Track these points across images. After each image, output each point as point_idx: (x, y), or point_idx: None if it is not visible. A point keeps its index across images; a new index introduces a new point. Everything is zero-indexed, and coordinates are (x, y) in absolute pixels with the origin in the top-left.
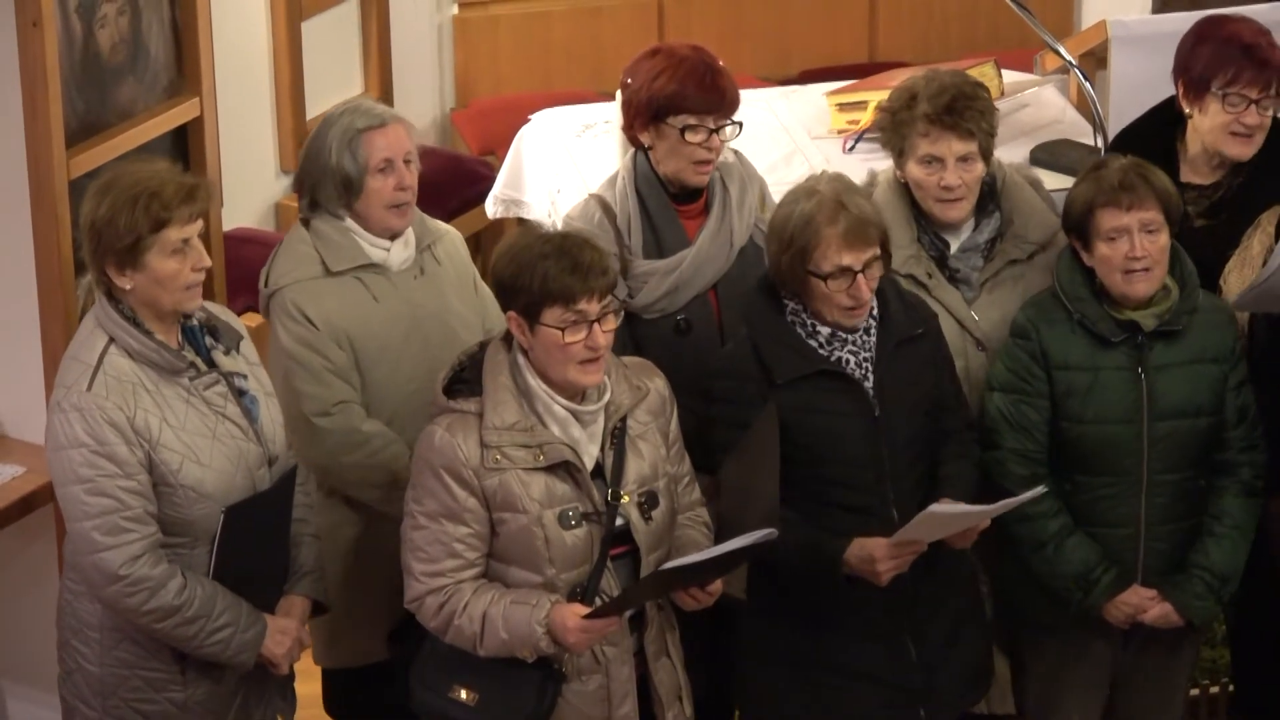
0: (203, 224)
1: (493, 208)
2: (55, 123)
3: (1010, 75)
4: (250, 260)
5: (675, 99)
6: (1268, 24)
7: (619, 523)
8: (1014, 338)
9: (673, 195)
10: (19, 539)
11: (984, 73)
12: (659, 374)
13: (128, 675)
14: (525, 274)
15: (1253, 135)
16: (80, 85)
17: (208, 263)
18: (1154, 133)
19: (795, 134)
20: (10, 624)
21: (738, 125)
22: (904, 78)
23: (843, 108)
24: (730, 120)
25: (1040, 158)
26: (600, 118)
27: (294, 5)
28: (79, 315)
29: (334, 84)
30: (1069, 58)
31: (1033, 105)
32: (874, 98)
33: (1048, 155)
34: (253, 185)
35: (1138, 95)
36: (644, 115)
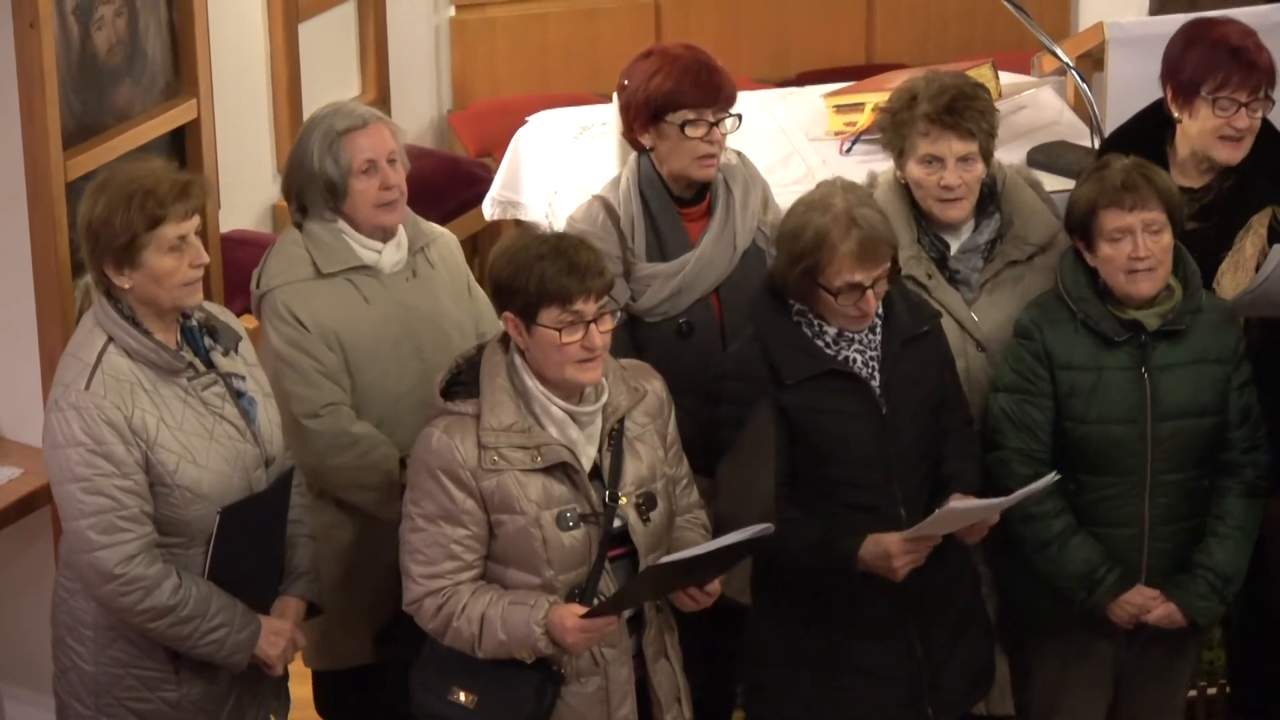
0: (200, 221)
1: (490, 209)
2: (52, 124)
3: (1007, 77)
4: (247, 262)
5: (672, 95)
6: (1267, 25)
7: (617, 524)
8: (1017, 338)
9: (676, 198)
10: (17, 541)
11: (981, 74)
12: (657, 376)
13: (122, 674)
14: (522, 275)
15: (1242, 139)
16: (77, 87)
17: (206, 259)
18: (1143, 136)
19: (792, 135)
20: (8, 625)
21: (737, 117)
22: (902, 79)
23: (840, 109)
24: (729, 112)
25: (1037, 159)
26: (597, 119)
27: (291, 7)
28: (76, 317)
29: (331, 86)
30: (1066, 59)
31: (1030, 107)
32: (871, 99)
33: (1045, 157)
34: (250, 187)
35: (1135, 97)
36: (643, 116)
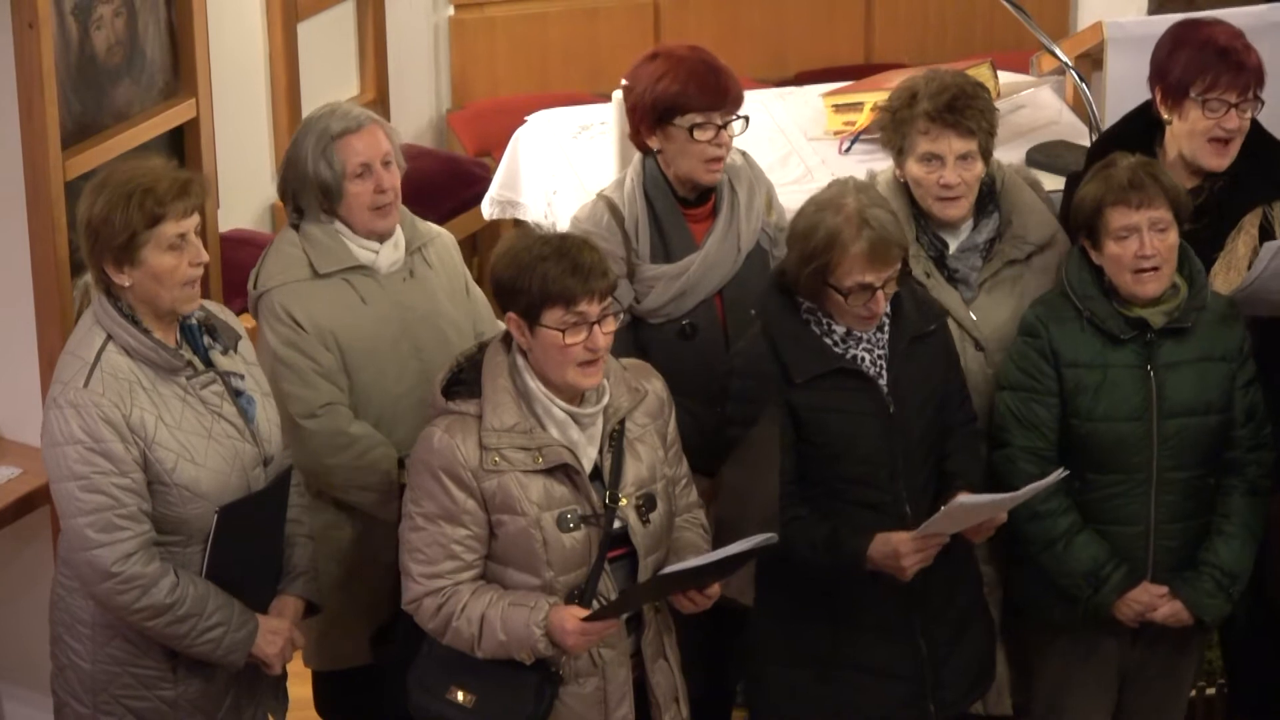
0: (199, 220)
1: (489, 209)
2: (51, 124)
3: (1006, 76)
4: (246, 262)
5: (680, 99)
6: (1264, 25)
7: (617, 525)
8: (1023, 336)
9: (680, 199)
10: (15, 541)
11: (980, 74)
12: (657, 376)
13: (119, 672)
14: (525, 276)
15: (1231, 141)
16: (76, 87)
17: (205, 258)
18: (1132, 138)
19: (791, 135)
20: (7, 625)
21: (744, 120)
22: (901, 79)
23: (839, 109)
24: (736, 115)
25: (1036, 159)
26: (596, 119)
27: (290, 7)
28: (75, 316)
29: (330, 86)
30: (1065, 59)
31: (1029, 106)
32: (870, 99)
33: (1044, 156)
34: (249, 187)
35: (1133, 96)
36: (650, 119)
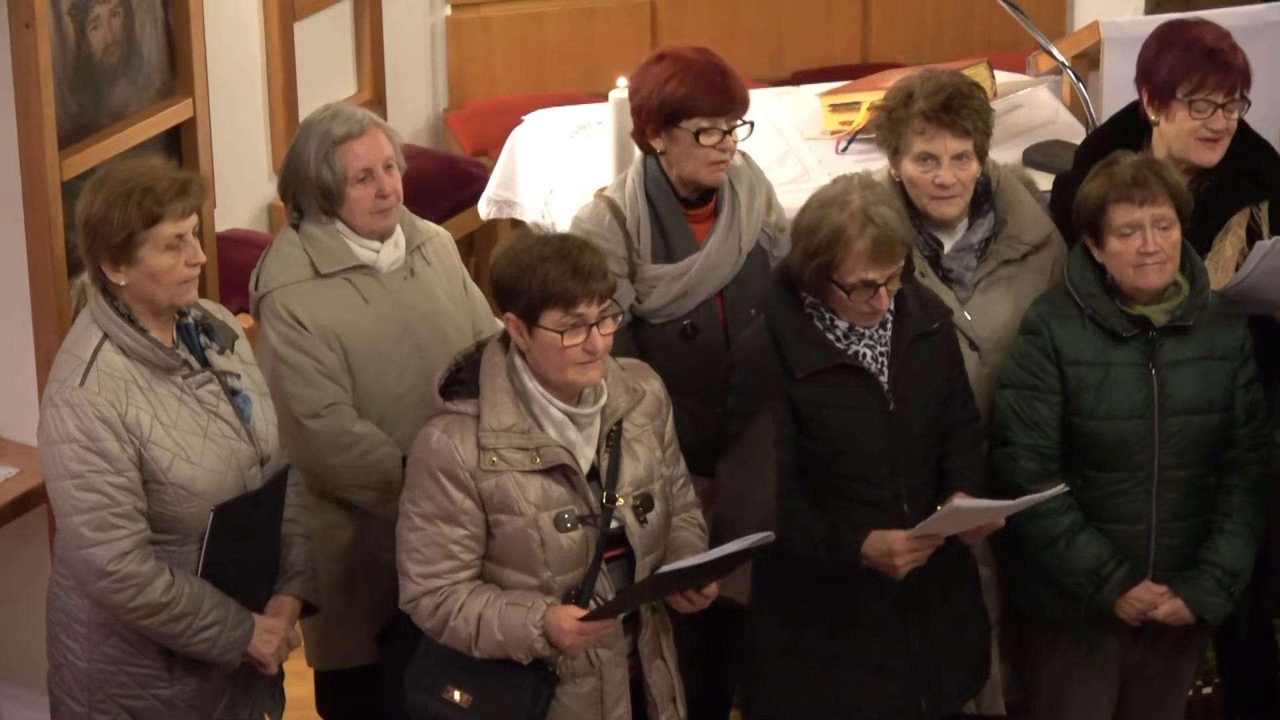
0: (197, 220)
1: (486, 209)
2: (48, 124)
3: (1003, 76)
4: (243, 261)
5: (687, 103)
6: (1260, 25)
7: (614, 525)
8: (1025, 334)
9: (681, 199)
10: (12, 540)
11: (977, 74)
12: (655, 376)
13: (114, 671)
14: (525, 277)
15: (1219, 140)
16: (73, 86)
17: (202, 258)
18: (1119, 139)
19: (788, 135)
20: (4, 625)
21: (749, 125)
22: (897, 79)
23: (836, 109)
24: (742, 120)
25: (1033, 158)
26: (593, 119)
27: (287, 6)
28: (72, 316)
29: (327, 85)
30: (1062, 59)
31: (1026, 106)
32: (867, 99)
33: (1041, 156)
34: (246, 186)
35: (1130, 96)
36: (655, 121)
